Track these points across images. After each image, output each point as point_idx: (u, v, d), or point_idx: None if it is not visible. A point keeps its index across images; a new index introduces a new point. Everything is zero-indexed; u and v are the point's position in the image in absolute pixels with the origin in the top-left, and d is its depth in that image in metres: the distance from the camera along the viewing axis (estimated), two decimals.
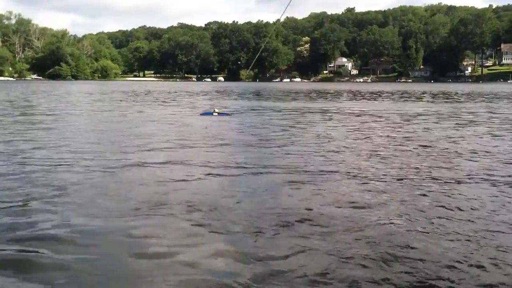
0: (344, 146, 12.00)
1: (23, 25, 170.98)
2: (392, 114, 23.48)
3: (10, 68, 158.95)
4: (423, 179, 8.09)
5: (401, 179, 8.09)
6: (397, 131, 15.90)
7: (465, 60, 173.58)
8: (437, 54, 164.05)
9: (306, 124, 18.18)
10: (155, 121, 18.99)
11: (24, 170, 8.50)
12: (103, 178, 8.07)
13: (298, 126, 17.30)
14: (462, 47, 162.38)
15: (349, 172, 8.63)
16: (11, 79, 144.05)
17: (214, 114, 20.96)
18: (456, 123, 18.78)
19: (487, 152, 11.16)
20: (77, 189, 7.21)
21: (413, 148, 11.79)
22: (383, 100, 39.14)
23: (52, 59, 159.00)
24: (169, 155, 10.44)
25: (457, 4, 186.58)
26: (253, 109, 26.96)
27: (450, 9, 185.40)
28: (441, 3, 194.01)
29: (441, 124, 18.64)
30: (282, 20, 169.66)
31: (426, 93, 57.26)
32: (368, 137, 13.95)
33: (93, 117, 21.08)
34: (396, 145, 12.37)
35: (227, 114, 21.71)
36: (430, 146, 12.07)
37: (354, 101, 38.67)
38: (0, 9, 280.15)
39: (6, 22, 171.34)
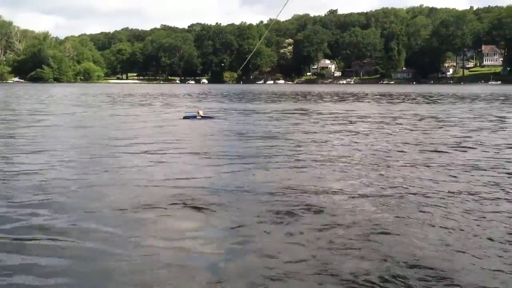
0: (324, 142, 12.13)
1: (4, 27, 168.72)
2: (384, 116, 23.71)
3: None
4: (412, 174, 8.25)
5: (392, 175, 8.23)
6: (390, 131, 16.08)
7: (447, 61, 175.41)
8: (419, 56, 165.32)
9: (289, 126, 18.25)
10: (136, 125, 18.92)
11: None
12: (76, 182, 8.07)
13: (282, 128, 17.35)
14: (443, 48, 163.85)
15: (337, 170, 8.74)
16: None
17: (197, 117, 20.62)
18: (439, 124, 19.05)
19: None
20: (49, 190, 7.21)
21: (400, 147, 11.98)
22: (366, 102, 39.46)
23: (34, 62, 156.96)
24: (148, 159, 10.42)
25: (439, 6, 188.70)
26: (237, 111, 26.99)
27: (432, 11, 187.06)
28: (422, 5, 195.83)
29: (422, 124, 18.91)
30: (265, 21, 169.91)
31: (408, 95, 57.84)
32: (350, 137, 14.08)
33: (69, 121, 20.91)
34: (383, 144, 12.54)
35: (211, 117, 21.61)
36: (414, 145, 12.26)
37: (335, 102, 38.93)
38: None
39: None
